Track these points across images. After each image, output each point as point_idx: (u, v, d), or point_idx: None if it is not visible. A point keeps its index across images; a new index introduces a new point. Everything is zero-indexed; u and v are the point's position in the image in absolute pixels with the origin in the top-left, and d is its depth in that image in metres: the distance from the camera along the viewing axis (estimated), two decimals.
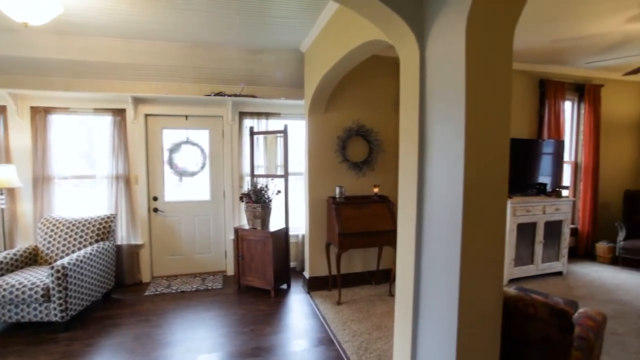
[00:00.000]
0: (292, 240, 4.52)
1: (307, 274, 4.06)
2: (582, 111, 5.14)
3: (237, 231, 3.94)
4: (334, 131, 3.96)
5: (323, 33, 3.32)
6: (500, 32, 1.44)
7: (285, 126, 3.97)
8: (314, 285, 3.99)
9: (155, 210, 4.29)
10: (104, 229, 3.63)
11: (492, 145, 1.45)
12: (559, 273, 4.50)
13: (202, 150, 4.40)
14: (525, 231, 4.18)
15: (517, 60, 4.62)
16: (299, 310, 3.53)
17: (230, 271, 4.47)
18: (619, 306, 3.61)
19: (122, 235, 4.06)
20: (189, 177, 4.43)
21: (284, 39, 3.79)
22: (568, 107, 5.24)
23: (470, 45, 1.39)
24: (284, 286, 4.10)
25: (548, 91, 4.83)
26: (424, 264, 1.68)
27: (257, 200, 3.85)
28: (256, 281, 3.90)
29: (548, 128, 4.87)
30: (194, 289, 3.98)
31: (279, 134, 4.20)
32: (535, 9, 3.02)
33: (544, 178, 4.68)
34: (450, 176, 1.47)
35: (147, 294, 3.86)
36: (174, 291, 3.92)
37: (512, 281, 4.18)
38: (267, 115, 4.46)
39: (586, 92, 5.07)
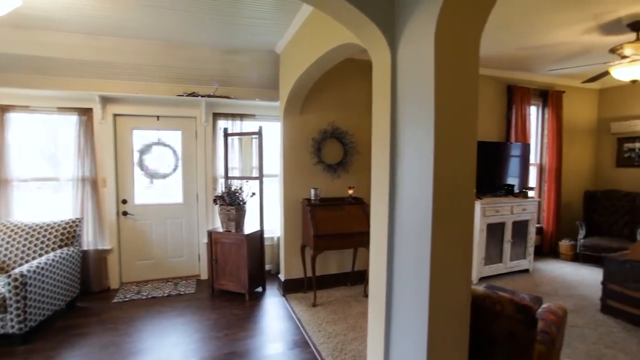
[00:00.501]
0: (267, 242, 4.47)
1: (282, 277, 4.03)
2: (546, 116, 5.40)
3: (211, 234, 3.86)
4: (309, 133, 3.97)
5: (298, 35, 3.32)
6: (467, 38, 1.49)
7: (260, 128, 3.94)
8: (290, 288, 3.97)
9: (125, 213, 4.13)
10: (68, 233, 3.46)
11: (460, 147, 1.49)
12: (526, 270, 4.69)
13: (175, 152, 4.29)
14: (495, 231, 4.34)
15: (486, 66, 4.80)
16: (274, 313, 3.50)
17: (204, 275, 4.38)
18: (579, 300, 3.81)
19: (89, 240, 3.89)
20: (161, 179, 4.30)
21: (258, 40, 3.76)
22: (533, 112, 5.49)
23: (439, 50, 1.43)
24: (259, 289, 4.06)
25: (515, 96, 5.04)
26: (396, 265, 1.70)
27: (231, 202, 3.79)
28: (230, 285, 3.83)
29: (515, 131, 5.07)
30: (166, 295, 3.86)
31: (253, 136, 4.16)
32: (501, 17, 3.14)
33: (512, 179, 4.87)
34: (420, 178, 1.50)
35: (115, 301, 3.71)
36: (144, 297, 3.79)
37: (482, 279, 4.32)
38: (241, 116, 4.41)
39: (549, 97, 5.33)
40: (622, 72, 3.32)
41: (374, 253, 1.86)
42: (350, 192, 3.92)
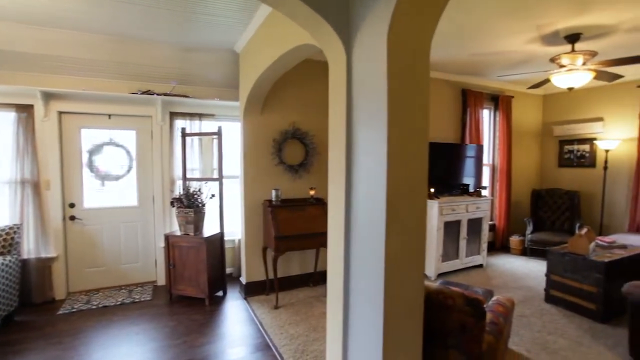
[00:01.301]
0: (228, 245, 4.38)
1: (243, 280, 3.95)
2: (497, 119, 5.72)
3: (168, 238, 3.70)
4: (270, 134, 3.93)
5: (257, 34, 3.28)
6: (419, 41, 1.54)
7: (220, 128, 3.85)
8: (251, 291, 3.90)
9: (72, 218, 3.86)
10: (5, 241, 3.18)
11: (413, 147, 1.54)
12: (480, 265, 4.94)
13: (128, 152, 4.08)
14: (451, 229, 4.53)
15: (443, 71, 5.00)
16: (235, 317, 3.43)
17: (161, 281, 4.19)
18: (526, 291, 4.07)
19: (30, 248, 3.59)
20: (113, 181, 4.07)
21: (217, 38, 3.67)
22: (486, 115, 5.79)
23: (391, 52, 1.46)
24: (220, 293, 3.95)
25: (469, 100, 5.30)
26: (353, 263, 1.72)
27: (190, 204, 3.67)
28: (189, 290, 3.70)
29: (470, 133, 5.33)
30: (119, 303, 3.66)
31: (213, 136, 4.05)
32: (456, 24, 3.29)
33: (468, 179, 5.11)
34: (374, 178, 1.53)
35: (60, 312, 3.46)
36: (94, 307, 3.56)
37: (440, 275, 4.49)
38: (200, 116, 4.28)
39: (500, 102, 5.65)
40: (560, 80, 3.59)
41: (332, 252, 1.87)
42: (312, 192, 3.93)
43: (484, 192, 5.08)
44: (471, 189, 5.03)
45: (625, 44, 3.70)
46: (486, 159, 5.75)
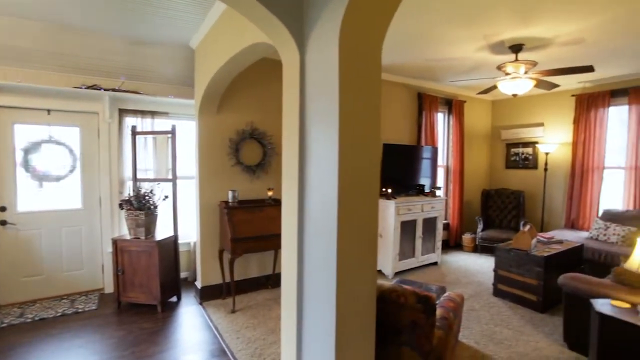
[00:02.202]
0: (183, 248, 4.21)
1: (199, 284, 3.81)
2: (451, 122, 5.99)
3: (116, 242, 3.48)
4: (226, 133, 3.83)
5: (213, 30, 3.19)
6: (370, 44, 1.56)
7: (173, 126, 3.69)
8: (207, 295, 3.77)
9: (4, 223, 3.51)
10: None
11: (364, 148, 1.55)
12: (435, 263, 5.14)
13: (71, 151, 3.78)
14: (408, 228, 4.67)
15: (400, 74, 5.15)
16: (190, 323, 3.29)
17: (109, 288, 3.93)
18: (477, 286, 4.29)
19: None
20: (54, 183, 3.75)
21: (172, 33, 3.51)
22: (440, 118, 6.05)
23: (343, 54, 1.47)
24: (174, 299, 3.78)
25: (425, 103, 5.50)
26: (307, 264, 1.71)
27: (140, 207, 3.47)
28: (140, 297, 3.51)
29: (425, 136, 5.53)
30: (59, 314, 3.37)
31: (167, 135, 3.87)
32: (410, 30, 3.39)
33: (424, 180, 5.30)
34: (326, 179, 1.53)
35: None
36: (29, 320, 3.26)
37: (397, 274, 4.61)
38: (153, 114, 4.07)
39: (453, 106, 5.93)
40: (506, 87, 3.83)
41: (286, 253, 1.85)
42: (270, 193, 3.88)
43: (439, 193, 5.29)
44: (427, 190, 5.22)
45: (560, 56, 4.02)
46: (441, 160, 6.00)
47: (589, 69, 3.42)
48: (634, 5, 2.78)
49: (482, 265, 5.11)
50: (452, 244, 6.08)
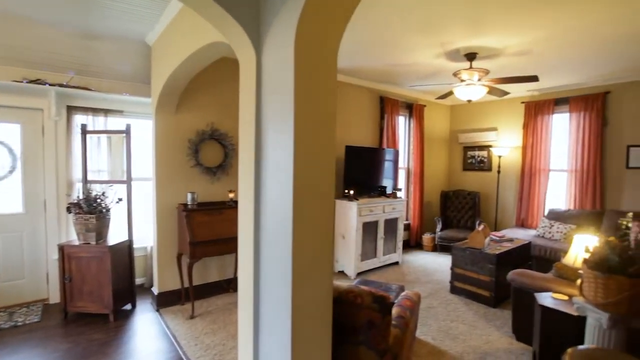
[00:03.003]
0: (139, 253, 4.02)
1: (156, 290, 3.66)
2: (412, 126, 6.18)
3: (63, 248, 3.26)
4: (185, 134, 3.71)
5: (171, 27, 3.08)
6: (326, 47, 1.57)
7: (128, 125, 3.52)
8: (165, 301, 3.63)
9: None
10: None
11: (320, 151, 1.56)
12: (396, 263, 5.27)
13: (11, 150, 3.50)
14: (369, 229, 4.75)
15: (362, 78, 5.24)
16: (145, 332, 3.15)
17: (55, 298, 3.66)
18: (435, 284, 4.45)
19: None
20: None
21: (126, 28, 3.35)
22: (402, 122, 6.22)
23: (298, 56, 1.47)
24: (128, 307, 3.60)
25: (386, 107, 5.64)
26: (263, 266, 1.69)
27: (91, 210, 3.28)
28: (90, 306, 3.30)
29: (387, 138, 5.67)
30: None
31: (122, 134, 3.68)
32: (371, 35, 3.46)
33: (386, 181, 5.42)
34: (282, 180, 1.52)
35: None
36: None
37: (359, 274, 4.68)
38: (106, 112, 3.86)
39: (414, 110, 6.12)
40: (461, 92, 4.01)
41: (242, 255, 1.82)
42: (231, 195, 3.80)
43: (400, 194, 5.44)
44: (389, 191, 5.34)
45: (510, 65, 4.27)
46: (402, 162, 6.17)
47: (534, 78, 3.67)
48: (572, 22, 3.02)
49: (440, 264, 5.31)
50: (412, 244, 6.26)
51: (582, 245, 2.18)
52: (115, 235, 3.59)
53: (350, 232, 4.58)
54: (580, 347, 1.57)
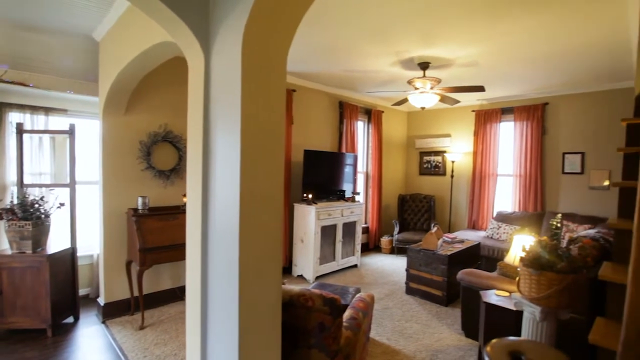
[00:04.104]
0: (84, 262, 3.77)
1: (102, 300, 3.45)
2: (370, 131, 6.34)
3: None
4: (136, 135, 3.54)
5: (119, 24, 2.94)
6: (275, 52, 1.57)
7: (72, 125, 3.31)
8: (112, 312, 3.43)
9: None
10: None
11: (268, 156, 1.55)
12: (355, 265, 5.35)
13: None
14: (328, 232, 4.79)
15: (321, 83, 5.30)
16: (88, 346, 2.95)
17: None
18: (392, 286, 4.56)
19: None
20: None
21: (71, 21, 3.15)
22: (360, 127, 6.36)
23: (246, 61, 1.46)
24: (70, 320, 3.36)
25: (345, 112, 5.74)
26: (210, 273, 1.65)
27: (27, 216, 3.03)
28: (25, 321, 3.04)
29: (346, 143, 5.76)
30: None
31: (64, 135, 3.44)
32: (329, 41, 3.52)
33: (345, 185, 5.50)
34: (229, 184, 1.50)
35: None
36: None
37: (318, 278, 4.70)
38: (47, 110, 3.59)
39: (372, 115, 6.28)
40: (415, 100, 4.18)
41: (190, 261, 1.77)
42: (185, 199, 3.67)
43: (358, 198, 5.54)
44: (348, 195, 5.42)
45: (460, 75, 4.52)
46: (361, 167, 6.29)
47: (481, 88, 3.90)
48: (513, 38, 3.26)
49: (397, 266, 5.46)
50: (371, 247, 6.40)
51: (520, 245, 2.34)
52: (57, 243, 3.34)
53: (308, 236, 4.59)
54: (505, 338, 1.68)
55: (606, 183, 4.88)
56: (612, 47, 3.43)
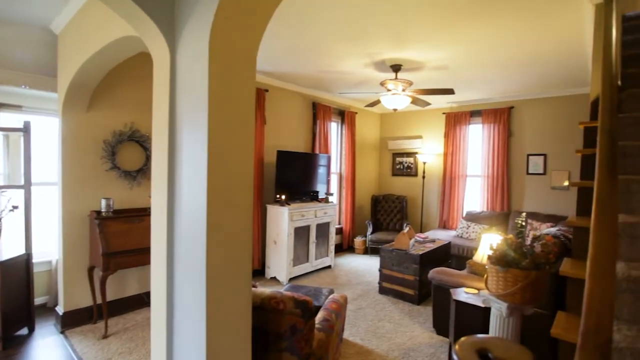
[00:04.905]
0: (41, 268, 3.54)
1: (61, 309, 3.24)
2: (344, 132, 6.36)
3: None
4: (100, 134, 3.37)
5: (81, 15, 2.79)
6: (243, 50, 1.53)
7: (27, 123, 3.10)
8: (73, 322, 3.23)
9: None
10: None
11: (236, 156, 1.50)
12: (329, 267, 5.34)
13: None
14: (301, 234, 4.76)
15: (295, 83, 5.27)
16: (44, 359, 2.76)
17: None
18: (365, 286, 4.59)
19: None
20: None
21: (26, 11, 2.96)
22: (334, 128, 6.37)
23: (213, 58, 1.41)
24: (24, 331, 3.13)
25: (319, 112, 5.73)
26: (177, 277, 1.58)
27: None
28: None
29: (319, 144, 5.75)
30: None
31: (20, 133, 3.22)
32: (303, 41, 3.49)
33: (319, 186, 5.48)
34: (196, 185, 1.44)
35: None
36: None
37: (291, 279, 4.65)
38: None
39: (346, 116, 6.31)
40: (387, 101, 4.23)
41: (155, 265, 1.69)
42: None
43: (332, 198, 5.54)
44: (321, 196, 5.41)
45: (431, 78, 4.62)
46: (334, 167, 6.31)
47: (450, 91, 4.00)
48: (480, 43, 3.36)
49: (371, 266, 5.50)
50: (345, 247, 6.42)
51: (488, 244, 2.40)
52: (10, 248, 3.12)
53: (282, 237, 4.54)
54: (473, 336, 1.72)
55: (566, 183, 5.15)
56: (571, 55, 3.62)
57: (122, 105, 3.50)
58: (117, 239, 3.11)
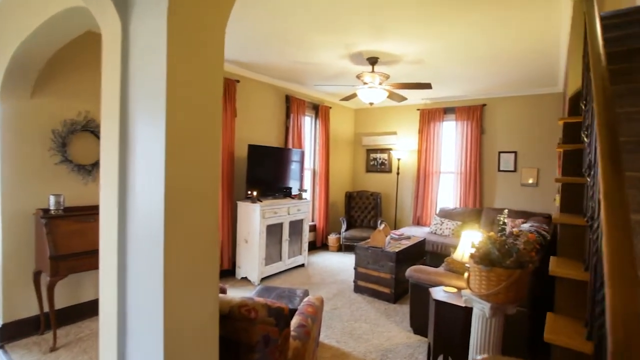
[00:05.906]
0: None
1: (0, 320, 2.88)
2: (318, 127, 6.20)
3: None
4: (47, 123, 3.01)
5: None
6: (209, 27, 1.33)
7: None
8: (14, 334, 2.88)
9: None
10: None
11: (200, 147, 1.30)
12: (302, 265, 5.18)
13: None
14: (274, 231, 4.56)
15: (267, 75, 5.03)
16: None
17: None
18: (340, 285, 4.47)
19: None
20: None
21: None
22: (308, 122, 6.19)
23: (173, 35, 1.20)
24: None
25: (292, 106, 5.53)
26: (130, 287, 1.36)
27: None
28: None
29: (292, 138, 5.56)
30: None
31: None
32: (277, 30, 3.29)
33: (292, 182, 5.29)
34: (152, 181, 1.23)
35: None
36: None
37: (264, 279, 4.45)
38: None
39: (320, 111, 6.15)
40: (364, 95, 4.11)
41: (104, 270, 1.46)
42: None
43: (305, 195, 5.37)
44: (294, 192, 5.23)
45: (408, 73, 4.55)
46: (308, 163, 6.13)
47: (428, 85, 3.94)
48: (454, 38, 3.32)
49: (345, 264, 5.39)
50: (318, 245, 6.28)
51: (469, 241, 2.33)
52: None
53: (253, 235, 4.32)
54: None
55: (530, 181, 5.28)
56: (543, 54, 3.66)
57: (75, 92, 3.15)
58: (68, 240, 2.79)
